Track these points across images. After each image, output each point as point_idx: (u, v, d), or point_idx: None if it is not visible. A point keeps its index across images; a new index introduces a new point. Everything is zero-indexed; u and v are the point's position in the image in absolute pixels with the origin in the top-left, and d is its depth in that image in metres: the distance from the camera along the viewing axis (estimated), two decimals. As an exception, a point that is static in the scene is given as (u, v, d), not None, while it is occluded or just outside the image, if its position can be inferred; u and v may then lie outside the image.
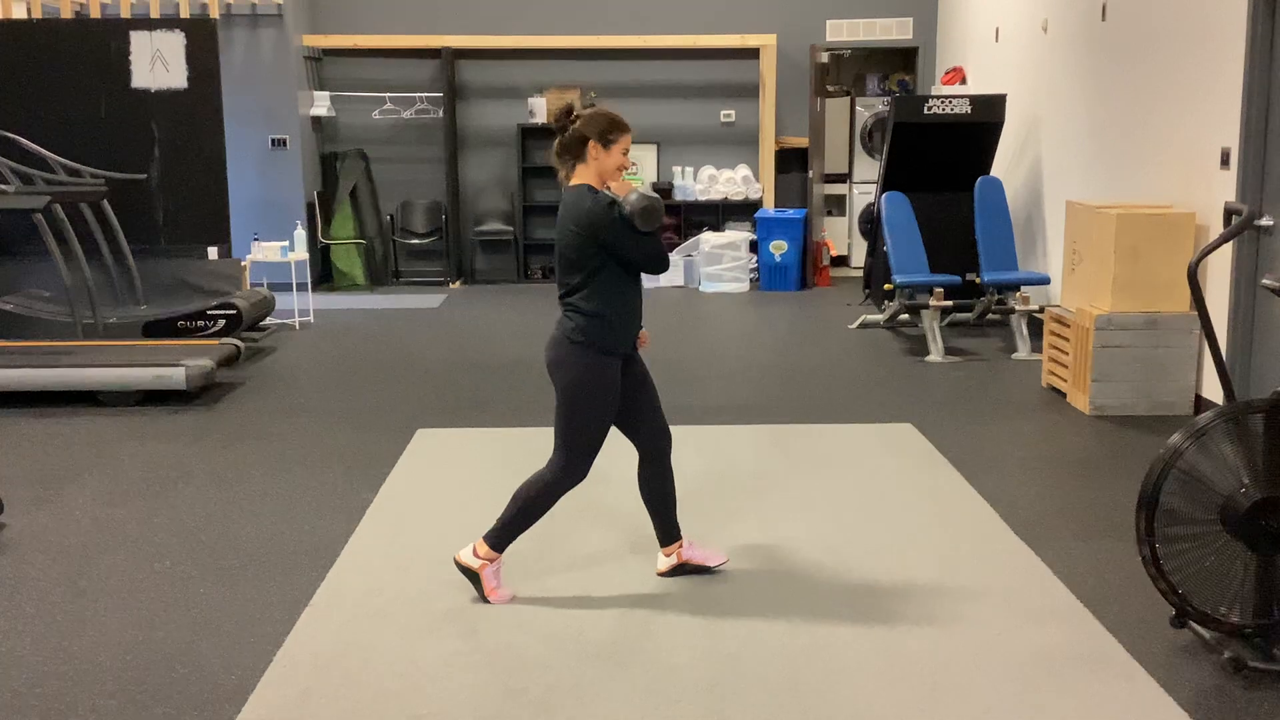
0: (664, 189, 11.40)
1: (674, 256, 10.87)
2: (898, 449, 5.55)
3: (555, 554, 4.23)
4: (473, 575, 3.81)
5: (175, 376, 6.45)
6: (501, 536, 3.80)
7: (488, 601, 3.78)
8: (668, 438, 3.90)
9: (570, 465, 3.73)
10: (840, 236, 11.98)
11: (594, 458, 3.77)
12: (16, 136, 8.02)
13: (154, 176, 8.48)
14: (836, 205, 12.03)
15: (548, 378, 3.84)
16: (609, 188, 3.68)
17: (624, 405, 3.81)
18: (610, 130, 3.65)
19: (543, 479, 3.75)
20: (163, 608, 3.81)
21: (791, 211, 10.86)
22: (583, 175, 3.67)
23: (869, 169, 11.70)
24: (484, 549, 3.80)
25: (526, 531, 3.86)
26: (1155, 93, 6.67)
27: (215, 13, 9.69)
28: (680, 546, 3.98)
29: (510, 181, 11.59)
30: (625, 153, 3.67)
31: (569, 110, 3.68)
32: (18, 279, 8.24)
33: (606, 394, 3.70)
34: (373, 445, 5.71)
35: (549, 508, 3.79)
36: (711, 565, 4.01)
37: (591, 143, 3.63)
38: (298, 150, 10.77)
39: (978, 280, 8.37)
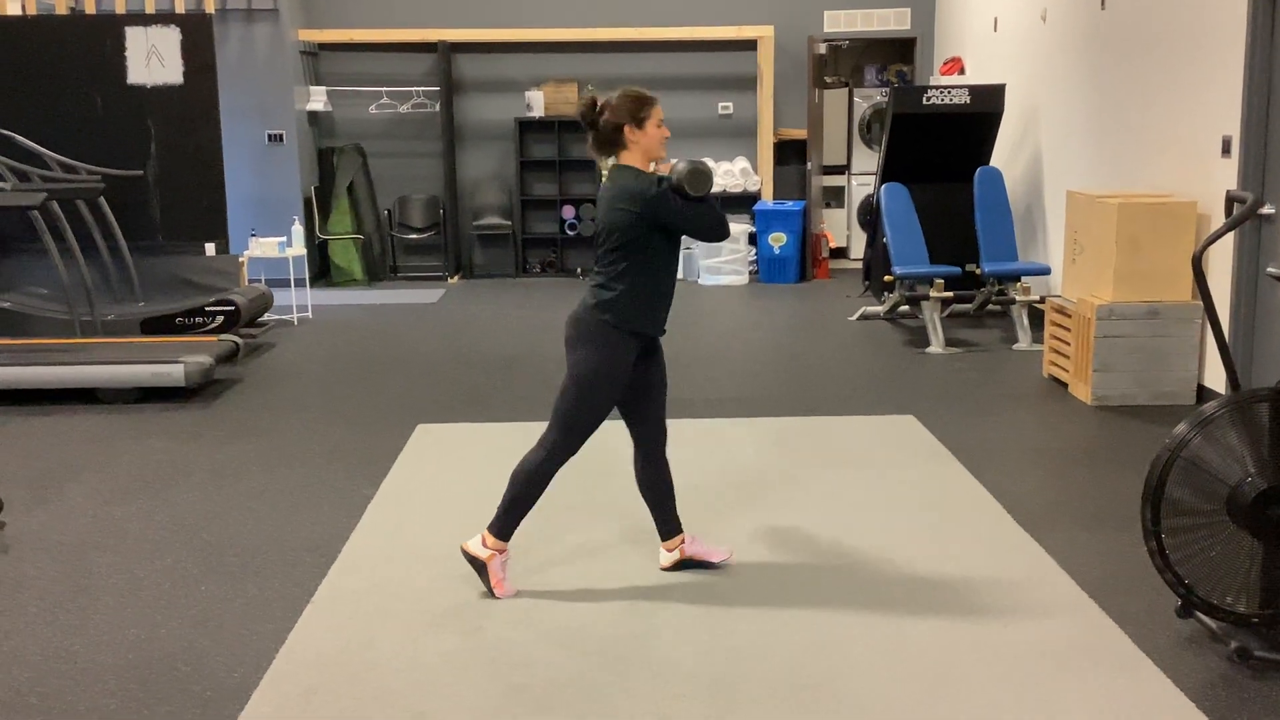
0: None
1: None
2: (899, 441, 5.54)
3: (556, 549, 4.22)
4: (479, 565, 3.79)
5: (174, 373, 6.43)
6: (505, 523, 3.78)
7: (493, 595, 3.76)
8: (664, 433, 3.90)
9: (565, 443, 3.74)
10: (839, 228, 11.96)
11: (585, 439, 3.77)
12: (12, 134, 7.99)
13: (150, 173, 8.45)
14: (835, 197, 12.01)
15: (547, 372, 3.81)
16: (657, 168, 3.66)
17: (636, 393, 3.79)
18: (639, 109, 3.65)
19: (537, 458, 3.75)
20: (164, 606, 3.80)
21: (790, 203, 10.84)
22: (628, 161, 3.67)
23: (868, 160, 11.68)
24: (491, 539, 3.79)
25: (528, 516, 3.84)
26: (1155, 81, 6.65)
27: (211, 7, 9.64)
28: (682, 541, 3.97)
29: (508, 176, 11.56)
30: (660, 124, 3.67)
31: (594, 104, 3.67)
32: (15, 276, 8.22)
33: (619, 376, 3.69)
34: (372, 441, 5.69)
35: (545, 486, 3.79)
36: (714, 560, 4.00)
37: (627, 128, 3.64)
38: (294, 145, 10.74)
39: (978, 271, 8.35)
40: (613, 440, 5.52)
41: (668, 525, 3.94)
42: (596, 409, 3.71)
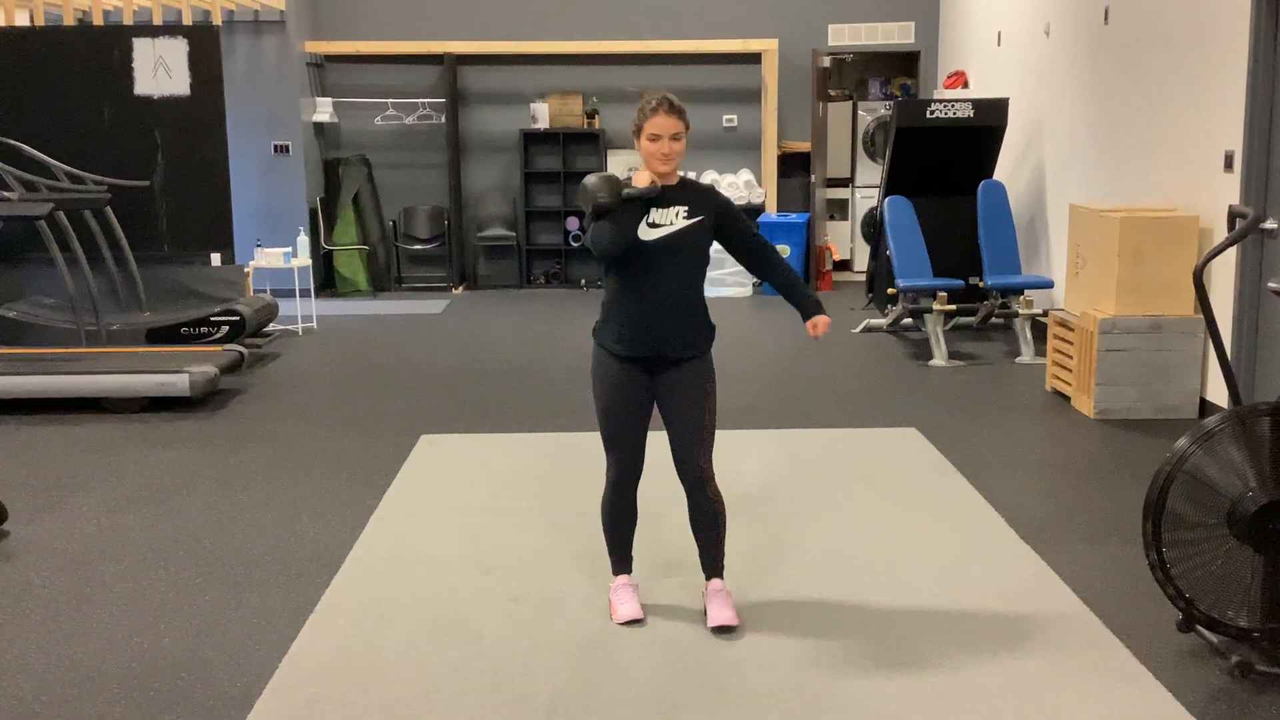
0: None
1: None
2: (902, 453, 5.54)
3: (560, 560, 4.23)
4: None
5: (179, 383, 6.45)
6: (611, 555, 3.81)
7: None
8: (683, 470, 3.62)
9: (608, 460, 3.67)
10: (843, 241, 11.97)
11: (621, 456, 3.62)
12: (19, 143, 8.02)
13: (157, 183, 8.48)
14: (839, 209, 12.03)
15: (551, 383, 3.83)
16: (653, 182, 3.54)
17: (661, 413, 3.66)
18: (638, 118, 3.54)
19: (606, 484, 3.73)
20: (168, 615, 3.81)
21: (794, 216, 10.86)
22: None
23: (871, 173, 11.69)
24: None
25: (632, 542, 3.82)
26: (1158, 96, 6.67)
27: (218, 19, 9.70)
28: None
29: (513, 187, 11.59)
30: (655, 138, 3.48)
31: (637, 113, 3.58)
32: (21, 286, 8.25)
33: (605, 389, 3.60)
34: (376, 451, 5.70)
35: (617, 512, 3.73)
36: (709, 624, 3.66)
37: (634, 137, 3.58)
38: (300, 156, 10.78)
39: (981, 284, 8.36)
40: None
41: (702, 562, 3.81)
42: (605, 423, 3.63)
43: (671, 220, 3.54)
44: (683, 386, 3.58)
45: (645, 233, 3.51)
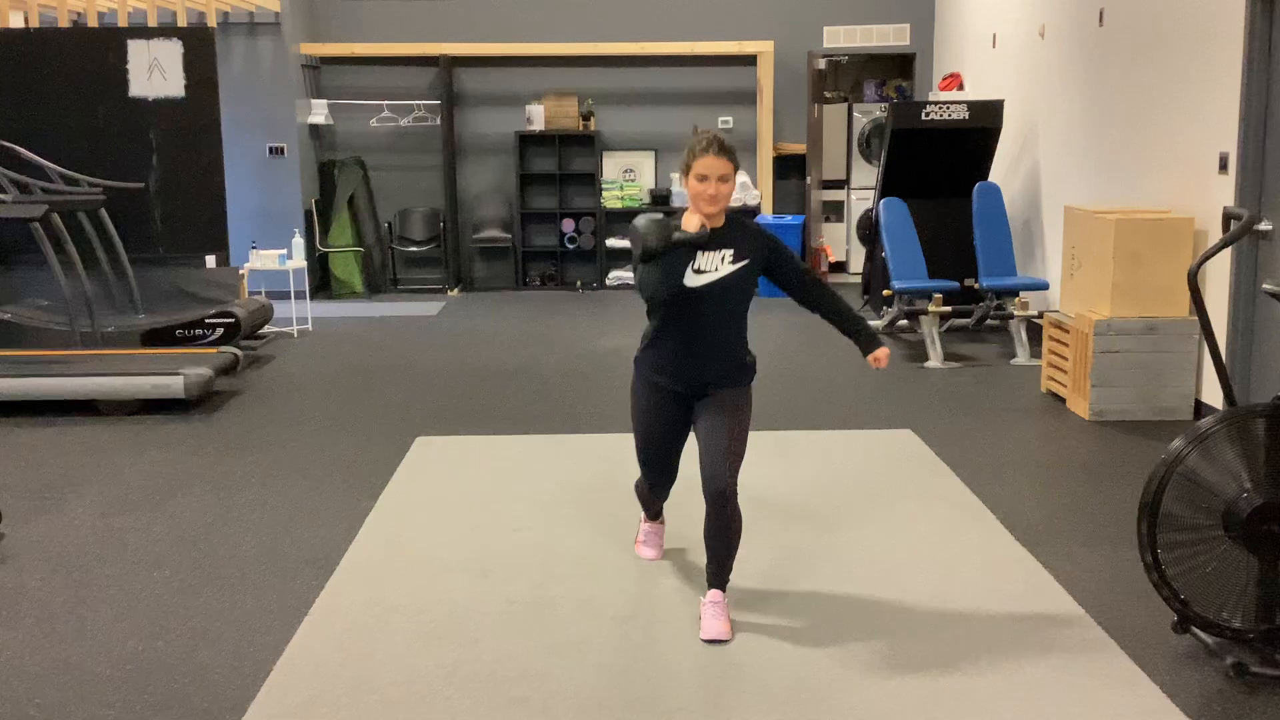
0: (662, 195, 11.40)
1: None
2: (898, 455, 5.55)
3: (556, 562, 4.23)
4: None
5: (174, 385, 6.44)
6: (643, 508, 4.22)
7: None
8: (708, 485, 3.58)
9: (639, 459, 3.90)
10: (838, 243, 11.98)
11: (654, 472, 3.88)
12: (14, 146, 8.01)
13: (152, 185, 8.47)
14: (834, 211, 12.04)
15: (546, 384, 3.85)
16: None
17: (695, 431, 3.72)
18: (687, 157, 3.55)
19: None
20: (162, 617, 3.80)
21: (789, 218, 10.87)
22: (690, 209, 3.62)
23: (867, 175, 11.71)
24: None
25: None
26: (1153, 98, 6.68)
27: (213, 21, 9.68)
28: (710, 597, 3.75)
29: (508, 189, 11.59)
30: (703, 178, 3.48)
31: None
32: (16, 288, 8.23)
33: (643, 415, 3.77)
34: (371, 453, 5.70)
35: (645, 492, 4.07)
36: (701, 635, 3.61)
37: (681, 176, 3.59)
38: (296, 158, 10.77)
39: (976, 286, 8.37)
40: (610, 456, 5.54)
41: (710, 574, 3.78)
42: (641, 446, 3.85)
43: (717, 266, 3.57)
44: (717, 407, 3.64)
45: (691, 279, 3.55)
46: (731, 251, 3.58)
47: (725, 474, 3.57)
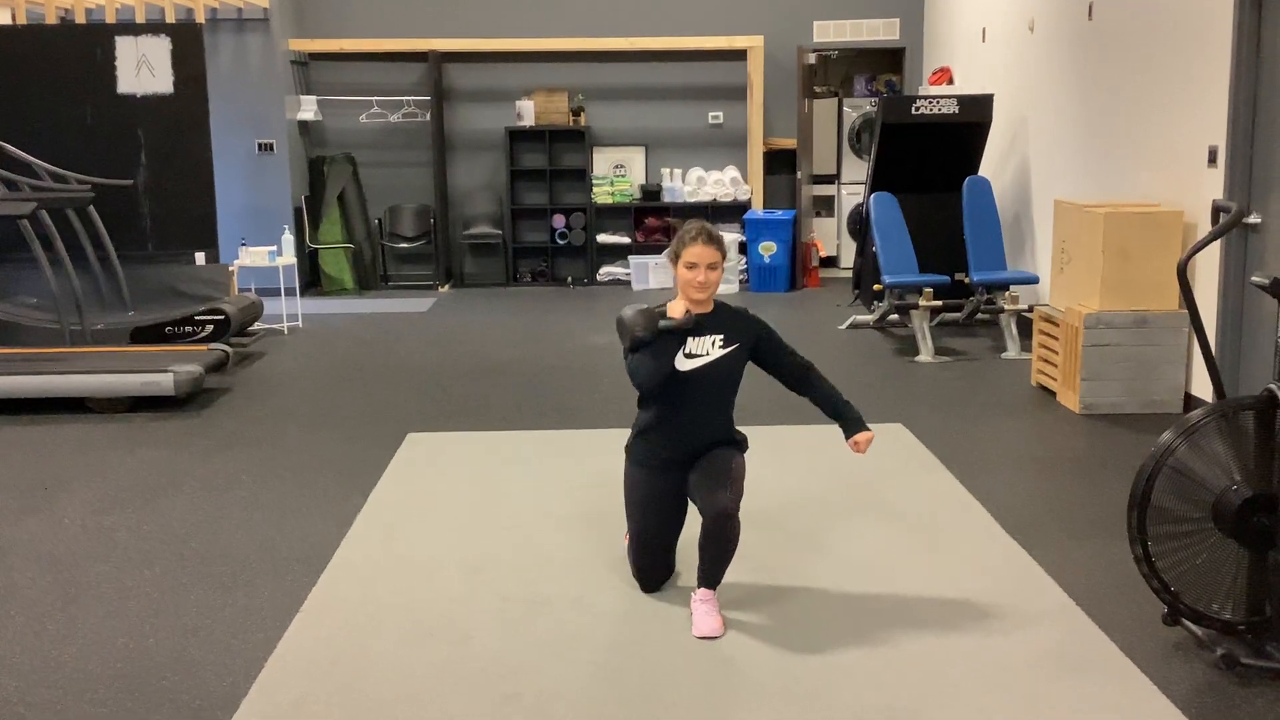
0: (652, 191, 11.40)
1: (662, 259, 10.85)
2: (888, 449, 5.55)
3: (547, 559, 4.22)
4: None
5: (163, 383, 6.42)
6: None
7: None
8: (709, 511, 3.58)
9: (632, 544, 3.86)
10: (829, 237, 11.99)
11: (646, 555, 3.80)
12: (2, 143, 7.98)
13: (140, 182, 8.45)
14: (825, 206, 12.05)
15: (537, 381, 3.86)
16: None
17: (689, 487, 3.75)
18: (677, 245, 3.61)
19: None
20: (154, 615, 3.79)
21: (780, 213, 10.87)
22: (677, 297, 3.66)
23: (857, 170, 11.71)
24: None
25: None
26: (1142, 91, 6.69)
27: (201, 17, 9.66)
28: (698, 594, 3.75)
29: (499, 185, 11.58)
30: (692, 266, 3.56)
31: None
32: (4, 286, 8.20)
33: (634, 502, 3.77)
34: (362, 450, 5.69)
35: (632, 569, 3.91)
36: (693, 632, 3.59)
37: (670, 263, 3.63)
38: (285, 155, 10.75)
39: (967, 280, 8.38)
40: (601, 452, 5.54)
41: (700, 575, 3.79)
42: (634, 524, 3.80)
43: (708, 350, 3.67)
44: (713, 455, 3.73)
45: (682, 363, 3.64)
46: (722, 336, 3.69)
47: (727, 497, 3.58)
